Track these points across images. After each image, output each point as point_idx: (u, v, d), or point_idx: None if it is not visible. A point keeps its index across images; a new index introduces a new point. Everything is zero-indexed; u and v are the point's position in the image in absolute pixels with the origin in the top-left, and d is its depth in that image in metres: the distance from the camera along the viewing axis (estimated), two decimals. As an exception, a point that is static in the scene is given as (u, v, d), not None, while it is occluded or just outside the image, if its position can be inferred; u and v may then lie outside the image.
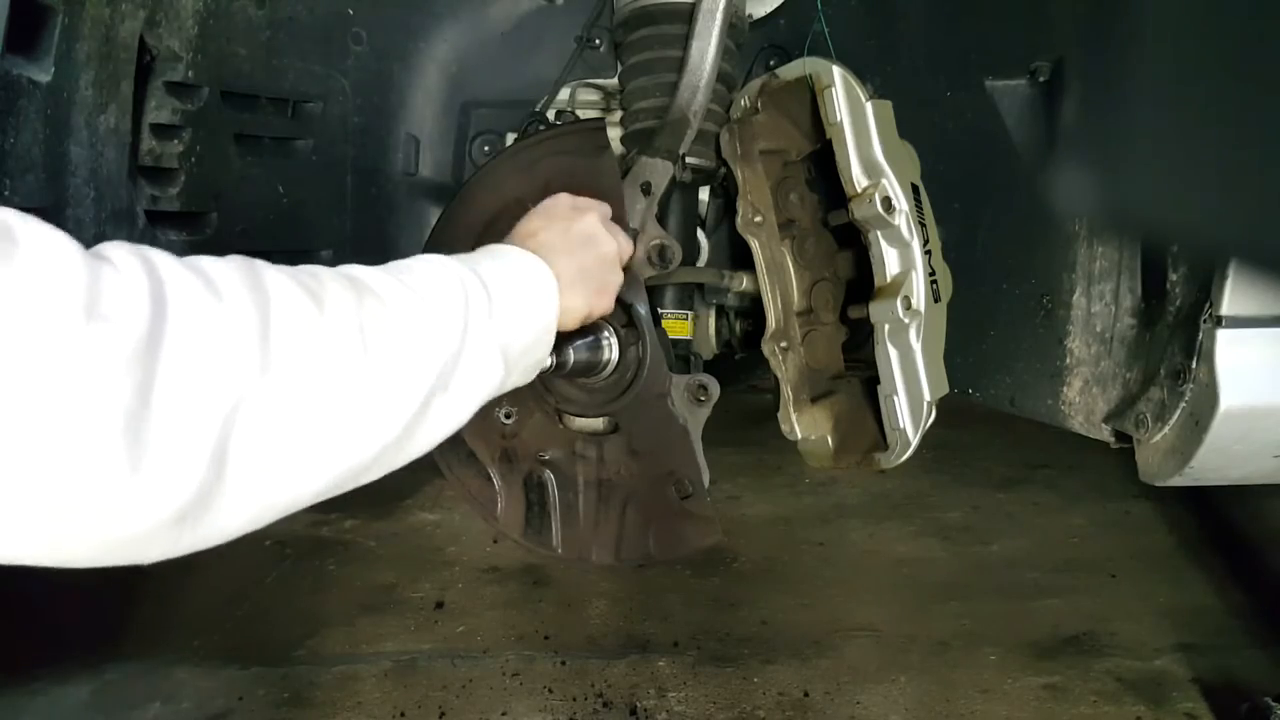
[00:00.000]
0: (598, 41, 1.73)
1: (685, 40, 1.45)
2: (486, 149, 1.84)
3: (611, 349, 1.36)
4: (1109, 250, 1.38)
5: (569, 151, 1.43)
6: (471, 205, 1.47)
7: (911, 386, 1.42)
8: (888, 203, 1.39)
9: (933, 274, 1.42)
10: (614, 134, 1.60)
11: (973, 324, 1.57)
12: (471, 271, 0.92)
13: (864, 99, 1.40)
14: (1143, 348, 1.34)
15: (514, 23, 1.80)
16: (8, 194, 1.07)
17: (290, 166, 1.68)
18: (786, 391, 1.51)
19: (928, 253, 1.41)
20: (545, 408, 1.49)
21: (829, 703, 1.97)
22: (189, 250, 0.73)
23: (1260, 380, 1.19)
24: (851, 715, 1.93)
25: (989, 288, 1.57)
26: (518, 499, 1.52)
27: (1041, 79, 1.43)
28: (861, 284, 1.55)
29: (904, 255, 1.42)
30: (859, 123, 1.41)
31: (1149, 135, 0.69)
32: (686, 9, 1.47)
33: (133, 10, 1.27)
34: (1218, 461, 1.24)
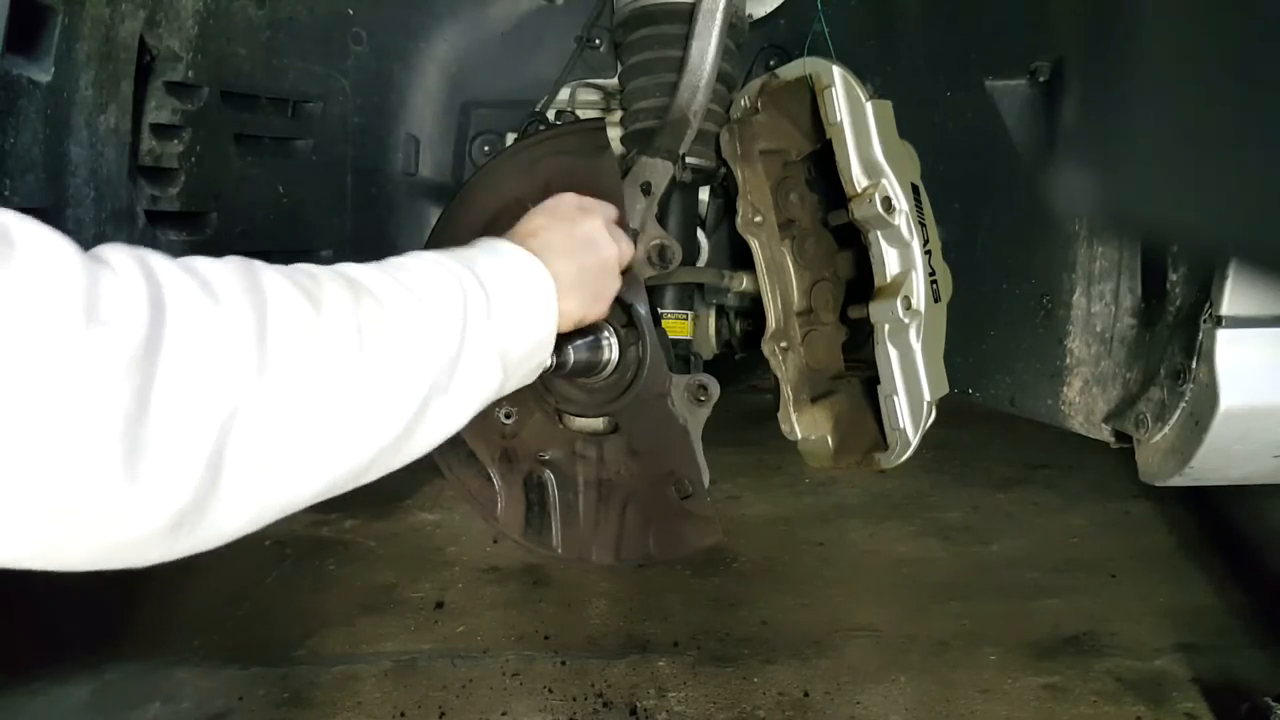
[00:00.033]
0: (598, 41, 1.73)
1: (685, 40, 1.45)
2: (486, 149, 1.84)
3: (611, 349, 1.36)
4: (1109, 250, 1.38)
5: (569, 151, 1.43)
6: (471, 205, 1.47)
7: (911, 386, 1.42)
8: (888, 203, 1.39)
9: (933, 274, 1.42)
10: (614, 134, 1.60)
11: (973, 324, 1.57)
12: (469, 271, 0.90)
13: (864, 99, 1.40)
14: (1143, 348, 1.34)
15: (514, 23, 1.80)
16: (8, 194, 1.07)
17: (290, 166, 1.68)
18: (786, 391, 1.51)
19: (928, 253, 1.41)
20: (545, 408, 1.49)
21: (829, 703, 1.97)
22: (189, 250, 0.73)
23: (1260, 380, 1.19)
24: (851, 715, 1.93)
25: (989, 288, 1.57)
26: (518, 499, 1.52)
27: (1041, 79, 1.43)
28: (861, 284, 1.55)
29: (904, 255, 1.42)
30: (859, 123, 1.41)
31: (1149, 135, 0.69)
32: (686, 9, 1.47)
33: (133, 10, 1.26)
34: (1218, 461, 1.24)
